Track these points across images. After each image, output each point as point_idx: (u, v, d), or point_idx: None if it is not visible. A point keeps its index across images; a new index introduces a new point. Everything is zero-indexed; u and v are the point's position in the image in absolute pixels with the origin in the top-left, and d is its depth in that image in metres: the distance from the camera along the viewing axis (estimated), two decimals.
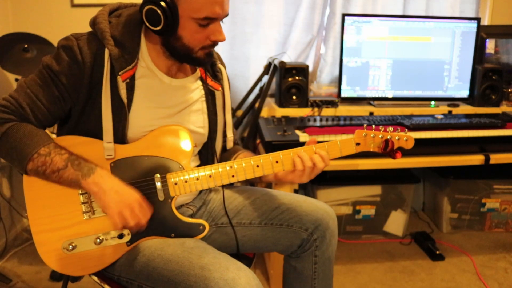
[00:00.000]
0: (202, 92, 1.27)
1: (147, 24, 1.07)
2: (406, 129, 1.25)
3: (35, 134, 1.08)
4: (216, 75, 1.30)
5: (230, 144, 1.36)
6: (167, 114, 1.19)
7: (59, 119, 1.16)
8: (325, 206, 1.30)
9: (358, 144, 1.21)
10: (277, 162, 1.16)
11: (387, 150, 1.22)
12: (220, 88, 1.30)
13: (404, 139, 1.23)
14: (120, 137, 1.12)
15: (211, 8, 1.05)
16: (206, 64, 1.22)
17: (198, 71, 1.27)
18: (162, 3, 1.03)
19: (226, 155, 1.36)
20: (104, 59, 1.08)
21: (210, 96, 1.28)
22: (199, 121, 1.26)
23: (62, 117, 1.16)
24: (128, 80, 1.11)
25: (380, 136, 1.22)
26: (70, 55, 1.08)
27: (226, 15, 1.11)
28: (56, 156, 1.06)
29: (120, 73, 1.09)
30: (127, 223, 1.04)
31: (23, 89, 1.10)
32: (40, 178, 1.08)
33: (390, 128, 1.23)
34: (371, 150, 1.23)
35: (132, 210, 1.04)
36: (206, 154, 1.31)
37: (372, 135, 1.21)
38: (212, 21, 1.08)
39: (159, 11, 1.04)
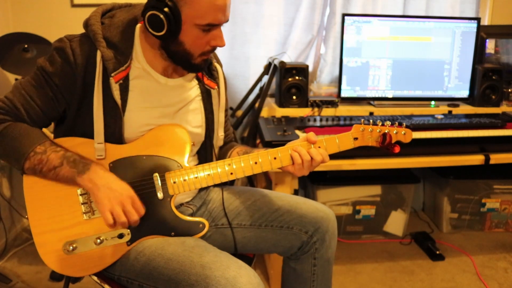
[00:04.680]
0: (199, 91, 1.27)
1: (149, 29, 1.06)
2: (404, 123, 1.24)
3: (30, 132, 1.09)
4: (212, 74, 1.30)
5: (220, 143, 1.35)
6: (164, 114, 1.19)
7: (54, 119, 1.17)
8: (325, 208, 1.30)
9: (356, 138, 1.21)
10: (275, 158, 1.15)
11: (385, 144, 1.22)
12: (216, 87, 1.30)
13: (402, 132, 1.23)
14: (117, 138, 1.13)
15: (215, 14, 1.05)
16: (202, 70, 1.22)
17: None
18: (166, 9, 1.02)
19: (222, 152, 1.36)
20: (96, 60, 1.08)
21: (206, 95, 1.28)
22: (196, 120, 1.26)
23: (57, 118, 1.16)
24: (121, 81, 1.10)
25: (378, 131, 1.21)
26: (63, 56, 1.08)
27: (227, 21, 1.11)
28: (52, 154, 1.06)
29: (112, 74, 1.09)
30: (118, 219, 1.04)
31: (18, 90, 1.11)
32: (38, 176, 1.09)
33: (388, 122, 1.23)
34: (369, 144, 1.22)
35: (124, 206, 1.04)
36: (204, 153, 1.31)
37: (370, 130, 1.21)
38: (213, 27, 1.08)
39: (162, 17, 1.03)
